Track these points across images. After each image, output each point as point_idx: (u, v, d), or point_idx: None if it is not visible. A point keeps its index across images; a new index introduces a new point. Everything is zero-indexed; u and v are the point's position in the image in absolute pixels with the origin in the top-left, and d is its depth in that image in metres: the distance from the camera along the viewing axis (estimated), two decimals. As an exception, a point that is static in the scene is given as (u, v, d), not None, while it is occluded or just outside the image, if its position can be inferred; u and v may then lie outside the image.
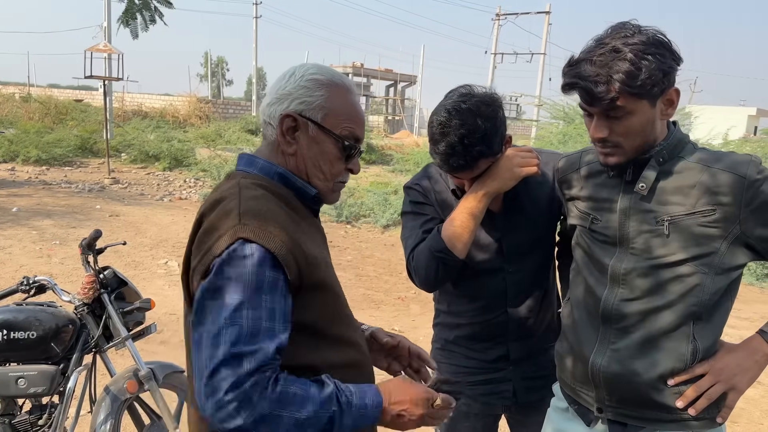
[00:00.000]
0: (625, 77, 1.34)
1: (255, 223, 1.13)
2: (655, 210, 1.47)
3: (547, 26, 31.49)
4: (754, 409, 4.29)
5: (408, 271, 1.86)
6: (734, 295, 1.52)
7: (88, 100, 26.20)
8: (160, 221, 9.34)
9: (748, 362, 1.48)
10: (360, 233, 9.71)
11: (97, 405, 2.63)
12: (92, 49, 13.37)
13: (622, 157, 1.47)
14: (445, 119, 1.67)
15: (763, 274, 8.35)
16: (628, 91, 1.35)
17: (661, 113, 1.44)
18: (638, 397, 1.51)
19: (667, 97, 1.43)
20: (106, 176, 13.15)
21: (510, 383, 1.94)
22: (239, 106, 30.69)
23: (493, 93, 1.73)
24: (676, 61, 1.41)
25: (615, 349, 1.52)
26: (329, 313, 1.28)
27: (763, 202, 1.40)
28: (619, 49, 1.35)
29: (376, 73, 37.47)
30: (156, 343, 4.65)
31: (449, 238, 1.74)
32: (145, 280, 6.23)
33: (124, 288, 2.77)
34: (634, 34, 1.37)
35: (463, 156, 1.67)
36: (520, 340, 1.92)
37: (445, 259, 1.74)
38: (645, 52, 1.35)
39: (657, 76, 1.36)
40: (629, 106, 1.38)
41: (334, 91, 1.30)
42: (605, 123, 1.43)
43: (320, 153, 1.31)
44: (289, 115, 1.27)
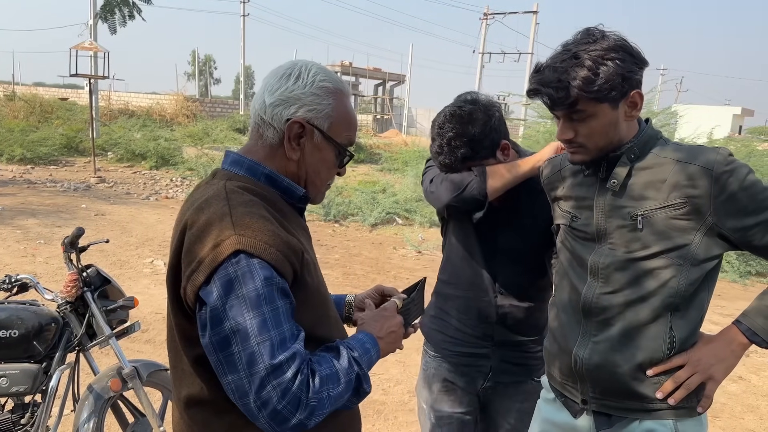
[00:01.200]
0: (582, 83, 1.41)
1: (251, 233, 1.13)
2: (628, 205, 1.51)
3: (534, 26, 31.63)
4: (735, 404, 4.34)
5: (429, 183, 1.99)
6: (712, 286, 1.55)
7: (74, 99, 25.97)
8: (146, 220, 9.30)
9: (725, 352, 1.51)
10: (348, 232, 9.71)
11: (80, 403, 2.61)
12: (78, 47, 13.27)
13: (586, 155, 1.54)
14: (441, 121, 1.89)
15: (746, 271, 8.45)
16: (586, 96, 1.42)
17: (625, 115, 1.49)
18: (620, 388, 1.54)
19: (629, 100, 1.47)
20: (92, 175, 13.05)
21: (489, 361, 2.04)
22: (227, 104, 30.59)
23: (493, 102, 1.91)
24: (639, 65, 1.46)
25: (596, 342, 1.56)
26: (316, 316, 1.29)
27: (731, 193, 1.44)
28: (579, 55, 1.42)
29: (364, 72, 37.44)
30: (141, 341, 4.64)
31: (492, 172, 1.87)
32: (131, 279, 6.20)
33: (108, 286, 2.76)
34: (597, 41, 1.43)
35: (448, 156, 1.87)
36: (506, 326, 2.02)
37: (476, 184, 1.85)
38: (604, 58, 1.41)
39: (615, 80, 1.41)
40: (589, 110, 1.45)
41: (339, 99, 1.30)
42: (570, 125, 1.50)
43: (321, 160, 1.32)
44: (297, 122, 1.26)
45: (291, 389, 1.08)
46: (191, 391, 1.25)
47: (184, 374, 1.26)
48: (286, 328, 1.12)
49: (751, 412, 4.24)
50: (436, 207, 2.02)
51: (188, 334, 1.20)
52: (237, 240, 1.11)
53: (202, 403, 1.25)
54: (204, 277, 1.11)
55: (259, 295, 1.10)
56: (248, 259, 1.11)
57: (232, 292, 1.10)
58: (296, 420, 1.10)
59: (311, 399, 1.11)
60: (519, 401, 2.05)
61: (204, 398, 1.24)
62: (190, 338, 1.20)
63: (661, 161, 1.50)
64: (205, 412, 1.25)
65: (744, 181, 1.44)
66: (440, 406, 2.13)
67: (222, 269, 1.11)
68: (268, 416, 1.09)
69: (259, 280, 1.11)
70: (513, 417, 2.05)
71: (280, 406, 1.08)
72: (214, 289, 1.10)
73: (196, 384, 1.24)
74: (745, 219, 1.45)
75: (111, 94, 25.62)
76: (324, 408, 1.13)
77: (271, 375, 1.08)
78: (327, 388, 1.14)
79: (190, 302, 1.15)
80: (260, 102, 1.29)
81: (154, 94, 28.06)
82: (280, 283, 1.14)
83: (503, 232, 1.99)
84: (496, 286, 2.01)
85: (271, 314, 1.11)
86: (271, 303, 1.11)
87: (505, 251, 1.99)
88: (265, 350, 1.08)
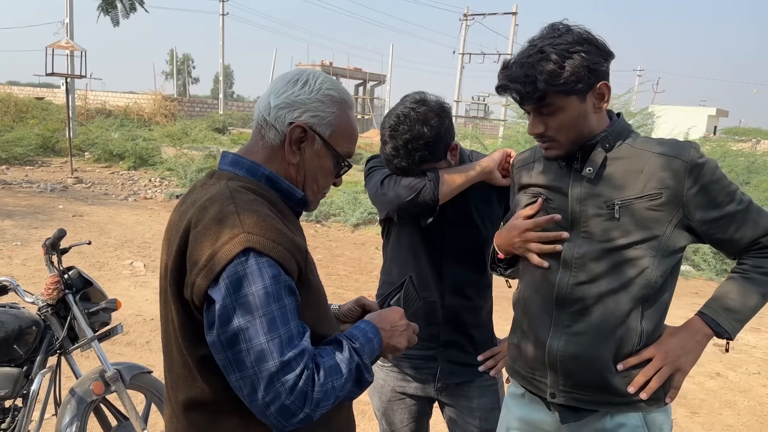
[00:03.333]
0: (548, 77, 1.43)
1: (260, 231, 1.14)
2: (605, 194, 1.53)
3: (513, 27, 31.81)
4: (713, 400, 4.42)
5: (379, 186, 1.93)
6: (676, 278, 1.60)
7: (50, 98, 25.54)
8: (125, 221, 9.19)
9: (691, 343, 1.56)
10: (330, 232, 9.69)
11: (62, 407, 2.58)
12: (54, 45, 13.06)
13: (560, 150, 1.56)
14: (394, 123, 1.84)
15: (722, 269, 8.59)
16: (554, 89, 1.45)
17: (594, 107, 1.52)
18: (593, 380, 1.56)
19: (597, 91, 1.50)
20: (69, 175, 12.86)
21: (436, 363, 2.04)
22: (206, 104, 30.33)
23: (443, 103, 1.89)
24: (605, 57, 1.49)
25: (571, 333, 1.57)
26: (318, 314, 1.30)
27: (703, 186, 1.48)
28: (544, 50, 1.45)
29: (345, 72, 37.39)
30: (122, 344, 4.58)
31: (445, 177, 1.87)
32: (110, 281, 6.13)
33: (90, 288, 2.72)
34: (562, 35, 1.46)
35: (405, 159, 1.84)
36: (452, 326, 2.01)
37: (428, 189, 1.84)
38: (570, 51, 1.44)
39: (581, 72, 1.44)
40: (558, 103, 1.48)
41: (343, 110, 1.32)
42: (540, 119, 1.53)
43: (319, 167, 1.33)
44: (300, 126, 1.27)
45: (298, 384, 1.10)
46: (191, 394, 1.24)
47: (184, 377, 1.25)
48: (293, 325, 1.14)
49: (729, 408, 4.32)
50: (386, 210, 1.96)
51: (192, 334, 1.19)
52: (246, 238, 1.12)
53: (203, 405, 1.24)
54: (213, 275, 1.11)
55: (268, 293, 1.11)
56: (257, 257, 1.12)
57: (240, 290, 1.10)
58: (303, 414, 1.11)
59: (317, 392, 1.13)
60: (476, 397, 2.06)
61: (205, 401, 1.23)
62: (195, 338, 1.19)
63: (636, 152, 1.53)
64: (205, 415, 1.24)
65: (714, 175, 1.49)
66: (391, 415, 2.14)
67: (231, 267, 1.11)
68: (276, 412, 1.10)
69: (268, 278, 1.11)
70: (474, 415, 2.06)
71: (288, 402, 1.09)
72: (223, 287, 1.11)
73: (197, 386, 1.23)
74: (712, 212, 1.50)
75: (88, 93, 25.29)
76: (329, 400, 1.15)
77: (280, 372, 1.09)
78: (331, 380, 1.16)
79: (197, 301, 1.14)
80: (265, 103, 1.30)
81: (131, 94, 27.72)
82: (288, 281, 1.15)
83: (450, 230, 1.98)
84: (443, 285, 2.00)
85: (279, 312, 1.12)
86: (279, 301, 1.12)
87: (452, 250, 1.99)
88: (275, 347, 1.09)
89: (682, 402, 4.34)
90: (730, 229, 1.52)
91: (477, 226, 2.00)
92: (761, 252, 1.55)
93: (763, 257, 1.55)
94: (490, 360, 2.04)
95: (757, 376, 4.96)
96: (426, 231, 1.97)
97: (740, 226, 1.52)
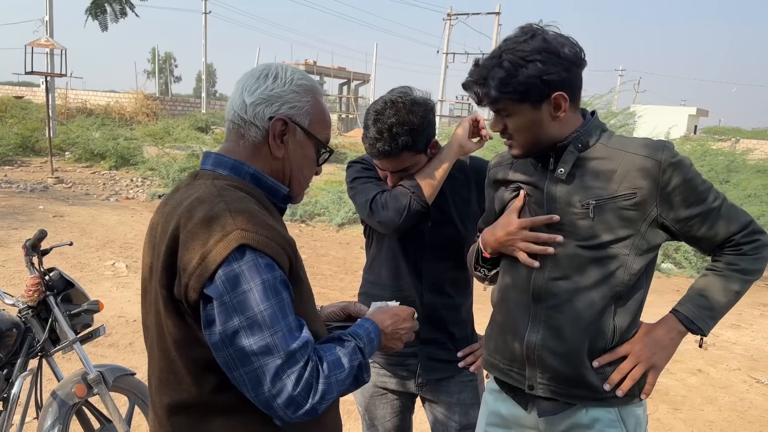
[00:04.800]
0: (498, 83, 1.47)
1: (253, 227, 1.14)
2: (579, 194, 1.54)
3: (497, 27, 31.95)
4: (695, 397, 4.47)
5: (369, 211, 1.94)
6: (651, 276, 1.62)
7: (29, 97, 25.16)
8: (107, 222, 9.09)
9: (665, 340, 1.59)
10: (314, 232, 9.67)
11: (44, 410, 2.54)
12: (33, 44, 12.87)
13: (519, 150, 1.59)
14: (380, 108, 1.88)
15: (703, 267, 8.67)
16: (502, 96, 1.48)
17: (550, 115, 1.52)
18: (569, 374, 1.57)
19: (553, 101, 1.50)
20: (50, 175, 12.70)
21: (417, 359, 2.06)
22: (188, 103, 30.09)
23: (429, 98, 1.92)
24: (566, 67, 1.48)
25: (548, 327, 1.58)
26: (309, 310, 1.30)
27: (676, 185, 1.50)
28: (501, 56, 1.47)
29: (329, 71, 37.33)
30: (104, 345, 4.54)
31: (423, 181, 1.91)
32: (92, 282, 6.06)
33: (71, 290, 2.69)
34: (525, 41, 1.47)
35: (389, 143, 1.85)
36: (431, 324, 2.03)
37: (416, 199, 1.87)
38: (526, 59, 1.44)
39: (533, 82, 1.45)
40: (510, 108, 1.52)
41: (315, 98, 1.33)
42: (499, 118, 1.57)
43: (304, 157, 1.34)
44: (281, 119, 1.27)
45: (304, 375, 1.11)
46: (177, 397, 1.23)
47: (169, 381, 1.24)
48: (291, 318, 1.15)
49: (711, 404, 4.37)
50: (386, 233, 2.00)
51: (184, 335, 1.18)
52: (241, 235, 1.12)
53: (189, 408, 1.23)
54: (208, 274, 1.11)
55: (266, 289, 1.11)
56: (252, 253, 1.12)
57: (238, 287, 1.10)
58: (309, 405, 1.12)
59: (322, 384, 1.14)
60: (456, 393, 2.08)
61: (191, 403, 1.22)
62: (187, 339, 1.18)
63: (611, 152, 1.55)
64: (191, 418, 1.23)
65: (688, 174, 1.51)
66: (373, 410, 2.16)
67: (226, 265, 1.11)
68: (283, 404, 1.11)
69: (265, 274, 1.12)
70: (454, 410, 2.08)
71: (295, 393, 1.11)
72: (220, 284, 1.10)
73: (183, 389, 1.22)
74: (686, 210, 1.52)
75: (68, 92, 24.95)
76: (333, 393, 1.16)
77: (285, 364, 1.10)
78: (334, 373, 1.18)
79: (192, 301, 1.13)
80: (239, 102, 1.28)
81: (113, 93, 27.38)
82: (282, 276, 1.16)
83: (429, 229, 2.00)
84: (422, 284, 2.02)
85: (278, 306, 1.12)
86: (277, 295, 1.13)
87: (431, 248, 2.01)
88: (279, 340, 1.10)
89: (664, 398, 4.39)
90: (704, 226, 1.55)
91: (455, 225, 2.02)
92: (735, 249, 1.58)
93: (736, 254, 1.57)
94: (470, 356, 2.06)
95: (737, 372, 5.03)
96: (405, 230, 1.98)
97: (714, 223, 1.55)
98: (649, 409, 4.17)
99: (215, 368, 1.16)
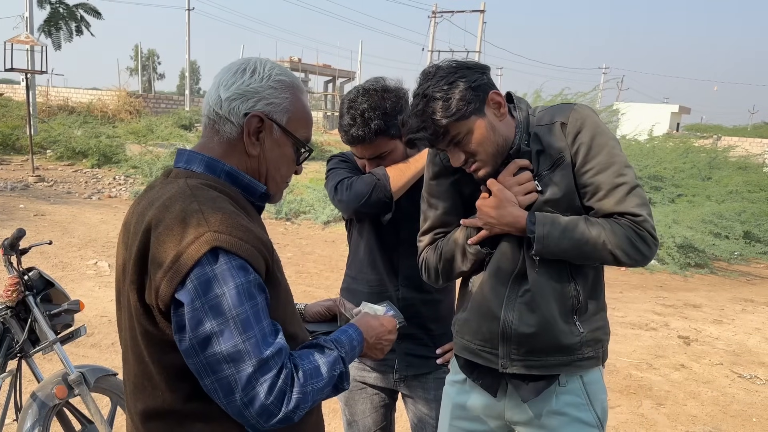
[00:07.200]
0: (442, 112, 1.51)
1: (226, 229, 1.10)
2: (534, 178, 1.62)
3: (481, 24, 32.06)
4: (678, 392, 4.52)
5: (333, 192, 2.01)
6: None
7: (9, 94, 24.79)
8: (89, 220, 8.99)
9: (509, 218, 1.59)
10: (300, 230, 9.64)
11: (23, 412, 2.50)
12: (13, 40, 12.69)
13: (488, 167, 1.61)
14: (353, 96, 1.93)
15: (686, 263, 8.80)
16: (451, 120, 1.51)
17: (495, 116, 1.58)
18: (546, 343, 1.62)
19: (491, 102, 1.57)
20: (30, 174, 12.52)
21: (394, 355, 2.05)
22: (171, 100, 29.83)
23: (402, 87, 1.97)
24: (481, 72, 1.57)
25: (523, 302, 1.62)
26: (287, 312, 1.27)
27: (581, 144, 1.57)
28: (426, 93, 1.53)
29: (314, 69, 37.18)
30: (86, 346, 4.48)
31: (394, 172, 1.94)
32: (74, 281, 5.99)
33: (51, 289, 2.65)
34: (435, 74, 1.54)
35: (362, 127, 1.89)
36: (407, 319, 2.00)
37: (380, 187, 1.92)
38: (449, 82, 1.52)
39: (468, 94, 1.52)
40: (462, 129, 1.54)
41: (295, 95, 1.28)
42: (456, 151, 1.59)
43: (281, 156, 1.29)
44: (256, 116, 1.23)
45: (277, 384, 1.08)
46: (151, 403, 1.20)
47: (143, 386, 1.21)
48: (266, 324, 1.11)
49: (693, 399, 4.42)
50: (346, 215, 2.05)
51: (156, 339, 1.15)
52: (213, 237, 1.08)
53: (163, 414, 1.19)
54: (180, 278, 1.07)
55: (239, 293, 1.08)
56: (225, 255, 1.08)
57: (210, 291, 1.07)
58: (282, 414, 1.09)
59: (296, 392, 1.11)
60: (433, 389, 2.09)
61: (166, 410, 1.19)
62: (160, 344, 1.14)
63: (538, 131, 1.61)
64: (165, 425, 1.20)
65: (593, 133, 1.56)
66: (353, 405, 2.17)
67: (198, 268, 1.07)
68: (255, 413, 1.08)
69: (238, 278, 1.08)
70: (431, 406, 2.09)
71: (268, 401, 1.07)
72: (192, 288, 1.06)
73: (157, 396, 1.19)
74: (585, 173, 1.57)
75: (49, 89, 24.59)
76: (308, 401, 1.14)
77: (258, 371, 1.07)
78: (310, 382, 1.14)
79: (162, 305, 1.09)
80: (215, 97, 1.24)
81: (95, 90, 27.03)
82: (257, 279, 1.12)
83: (404, 223, 2.00)
84: (398, 278, 2.04)
85: (252, 311, 1.09)
86: (250, 299, 1.09)
87: (407, 244, 2.00)
88: (251, 347, 1.07)
89: (648, 394, 4.43)
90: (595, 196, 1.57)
91: None
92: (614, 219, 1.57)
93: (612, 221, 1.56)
94: (449, 353, 2.06)
95: (719, 367, 5.08)
96: (382, 226, 2.02)
97: (605, 196, 1.56)
98: (633, 405, 4.22)
99: (189, 375, 1.12)
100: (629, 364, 4.98)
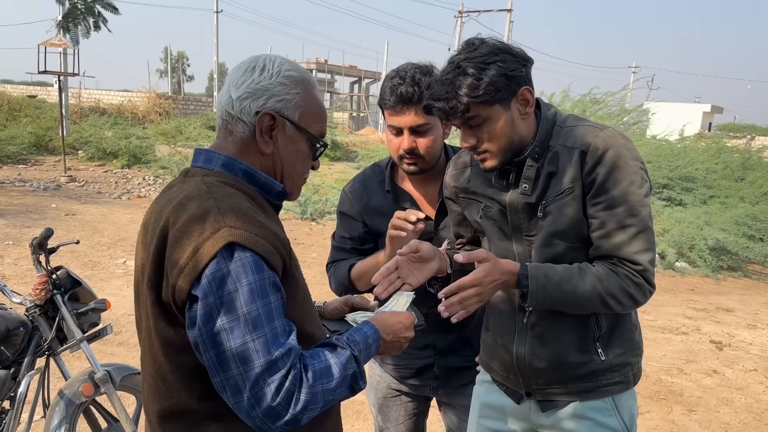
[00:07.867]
0: (468, 90, 1.45)
1: (242, 225, 1.09)
2: (537, 199, 1.56)
3: (508, 24, 31.83)
4: (710, 398, 4.40)
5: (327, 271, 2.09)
6: None
7: (43, 96, 25.40)
8: (118, 220, 9.13)
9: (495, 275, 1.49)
10: (325, 230, 9.65)
11: (51, 410, 2.54)
12: (46, 43, 12.97)
13: (494, 160, 1.55)
14: (402, 67, 1.87)
15: (718, 266, 8.60)
16: (475, 101, 1.46)
17: (519, 113, 1.52)
18: (562, 377, 1.60)
19: (520, 97, 1.51)
20: (62, 174, 12.79)
21: (434, 370, 2.04)
22: (200, 102, 30.20)
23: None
24: (523, 62, 1.50)
25: (534, 336, 1.61)
26: (304, 311, 1.26)
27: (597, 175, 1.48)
28: (461, 65, 1.47)
29: (340, 70, 37.35)
30: (114, 344, 4.54)
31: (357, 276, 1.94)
32: (103, 280, 6.08)
33: (78, 288, 2.68)
34: (477, 48, 1.48)
35: (411, 86, 1.80)
36: (446, 332, 2.00)
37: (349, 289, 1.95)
38: (486, 62, 1.45)
39: (500, 81, 1.46)
40: (483, 114, 1.48)
41: (306, 89, 1.27)
42: (470, 132, 1.53)
43: (295, 152, 1.28)
44: (267, 113, 1.22)
45: (284, 385, 1.07)
46: (168, 403, 1.20)
47: (157, 387, 1.21)
48: (278, 323, 1.10)
49: (726, 406, 4.30)
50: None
51: (172, 339, 1.15)
52: (228, 233, 1.08)
53: (180, 415, 1.19)
54: (196, 274, 1.07)
55: (252, 290, 1.07)
56: (241, 252, 1.08)
57: (224, 287, 1.06)
58: (290, 416, 1.08)
59: (305, 394, 1.09)
60: None
61: (182, 410, 1.19)
62: (175, 343, 1.15)
63: (558, 150, 1.54)
64: (181, 425, 1.20)
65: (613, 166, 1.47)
66: (387, 411, 2.14)
67: (214, 264, 1.07)
68: (262, 413, 1.07)
69: (252, 275, 1.08)
70: None
71: (275, 403, 1.06)
72: (206, 284, 1.06)
73: (172, 396, 1.19)
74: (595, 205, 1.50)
75: (81, 91, 25.10)
76: (317, 403, 1.12)
77: (266, 372, 1.06)
78: (320, 382, 1.12)
79: (179, 301, 1.10)
80: (226, 97, 1.24)
81: (125, 92, 27.51)
82: (272, 276, 1.11)
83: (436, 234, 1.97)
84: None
85: (264, 309, 1.08)
86: (264, 298, 1.08)
87: None
88: (260, 347, 1.06)
89: (679, 400, 4.33)
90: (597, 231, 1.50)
91: None
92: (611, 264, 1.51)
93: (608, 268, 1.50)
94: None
95: (753, 373, 4.95)
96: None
97: (608, 235, 1.49)
98: (663, 411, 4.12)
99: (204, 375, 1.12)
100: (659, 369, 4.88)
